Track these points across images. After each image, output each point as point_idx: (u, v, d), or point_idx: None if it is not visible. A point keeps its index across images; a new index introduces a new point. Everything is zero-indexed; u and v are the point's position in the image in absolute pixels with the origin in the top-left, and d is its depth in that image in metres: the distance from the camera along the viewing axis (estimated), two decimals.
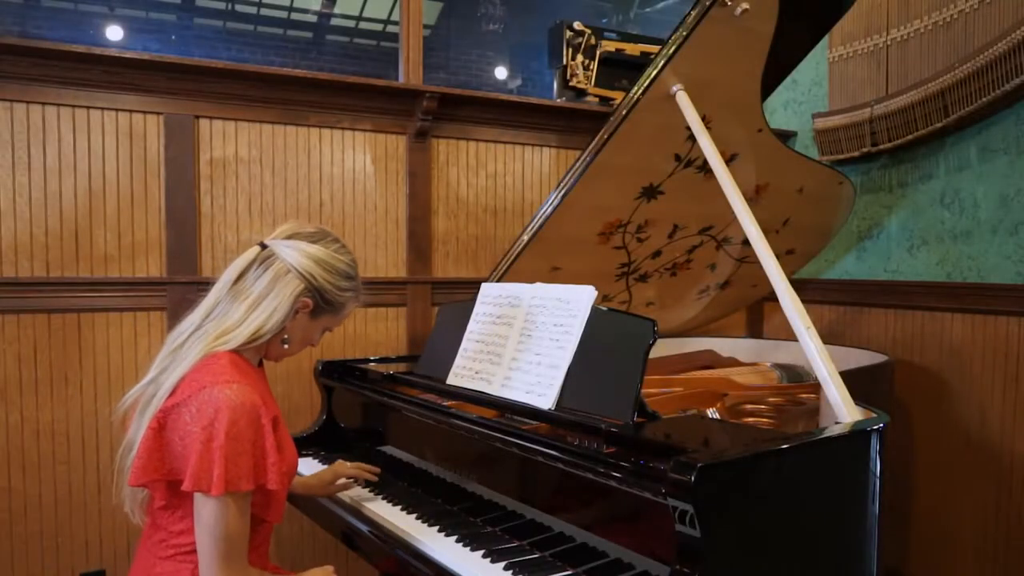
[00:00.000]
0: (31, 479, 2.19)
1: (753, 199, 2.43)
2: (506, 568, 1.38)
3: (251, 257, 1.41)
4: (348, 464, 1.85)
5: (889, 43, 2.81)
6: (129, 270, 2.30)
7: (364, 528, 1.66)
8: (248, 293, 1.38)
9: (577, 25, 3.07)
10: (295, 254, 1.40)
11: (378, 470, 1.86)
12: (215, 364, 1.32)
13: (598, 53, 3.09)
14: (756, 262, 1.77)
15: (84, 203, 2.24)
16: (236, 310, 1.37)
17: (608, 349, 1.55)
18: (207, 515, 1.25)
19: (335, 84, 2.51)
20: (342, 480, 1.83)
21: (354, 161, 2.63)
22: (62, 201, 2.22)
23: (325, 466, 2.04)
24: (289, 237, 1.43)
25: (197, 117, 2.37)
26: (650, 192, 2.23)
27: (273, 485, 1.29)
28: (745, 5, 1.81)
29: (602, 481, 1.30)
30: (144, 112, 2.30)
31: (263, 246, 1.42)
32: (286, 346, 1.46)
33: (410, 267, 2.71)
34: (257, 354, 1.46)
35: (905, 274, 2.91)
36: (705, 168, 2.16)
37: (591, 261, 2.37)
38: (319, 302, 1.43)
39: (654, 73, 1.88)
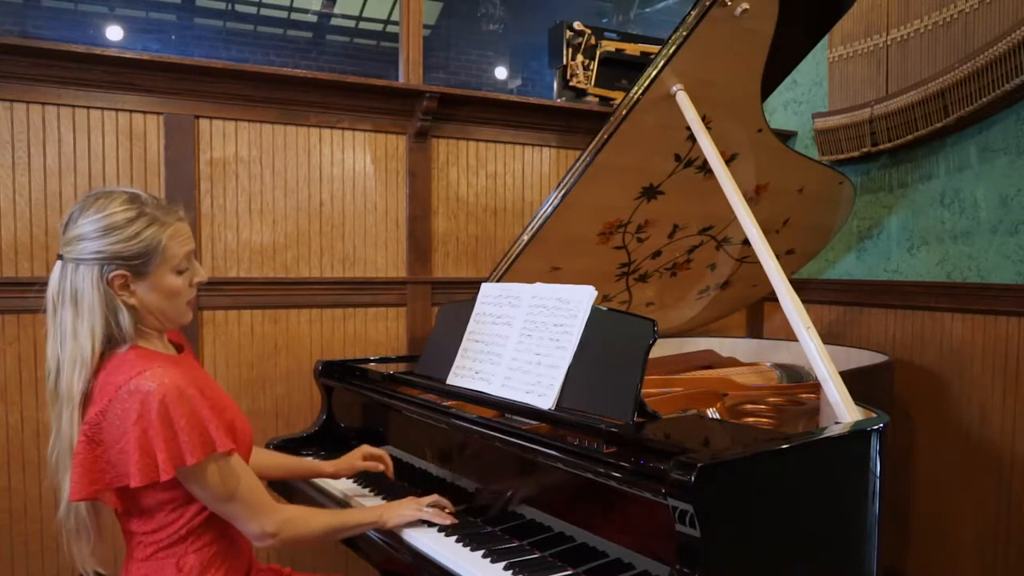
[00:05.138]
0: (31, 479, 2.19)
1: (753, 199, 2.43)
2: (506, 568, 1.38)
3: (56, 277, 1.31)
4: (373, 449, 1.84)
5: (889, 43, 2.81)
6: None
7: None
8: (66, 314, 1.29)
9: (577, 25, 3.07)
10: (74, 245, 1.29)
11: (391, 470, 1.85)
12: (122, 363, 1.29)
13: (598, 53, 3.09)
14: (756, 262, 1.77)
15: None
16: (68, 337, 1.29)
17: (608, 349, 1.55)
18: (198, 492, 1.30)
19: (335, 84, 2.51)
20: (365, 462, 1.81)
21: (354, 161, 2.63)
22: (62, 201, 2.21)
23: None
24: (65, 234, 1.32)
25: (197, 117, 2.37)
26: (650, 192, 2.23)
27: (224, 447, 1.28)
28: (745, 5, 1.81)
29: (602, 481, 1.30)
30: (144, 112, 2.30)
31: (60, 257, 1.32)
32: (152, 315, 1.35)
33: (410, 267, 2.71)
34: (153, 338, 1.39)
35: (905, 274, 2.91)
36: (705, 168, 2.17)
37: (591, 261, 2.37)
38: (128, 265, 1.30)
39: (654, 73, 1.88)
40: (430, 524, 1.58)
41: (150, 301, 1.34)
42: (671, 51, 1.85)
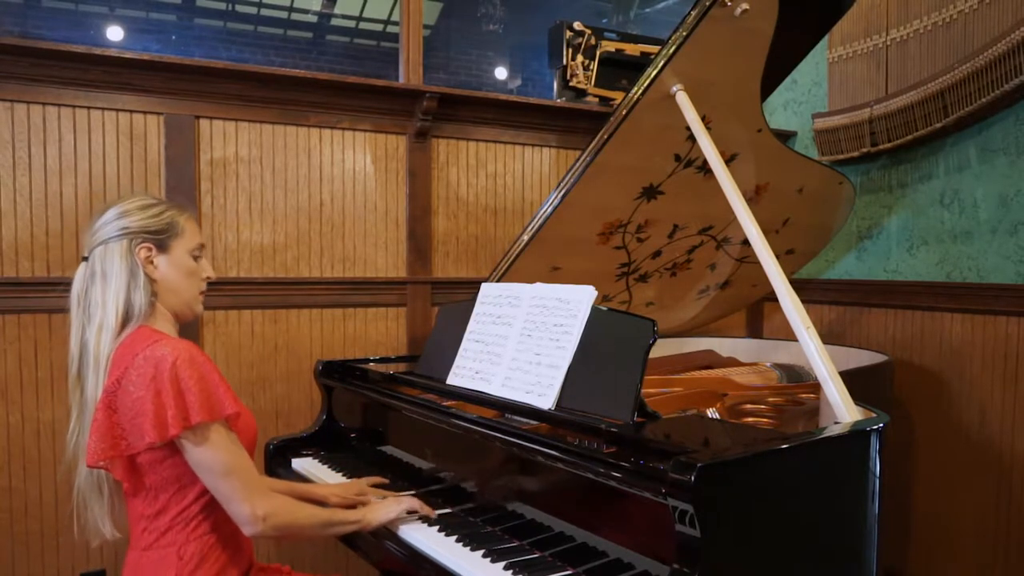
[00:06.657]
0: (31, 479, 2.19)
1: (753, 199, 2.43)
2: (506, 568, 1.38)
3: (82, 272, 1.45)
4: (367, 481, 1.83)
5: (889, 43, 2.81)
6: None
7: None
8: (95, 290, 1.42)
9: (577, 25, 3.07)
10: (99, 233, 1.44)
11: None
12: (138, 335, 1.39)
13: (598, 53, 3.09)
14: (756, 262, 1.76)
15: (85, 203, 2.24)
16: (96, 307, 1.41)
17: (608, 349, 1.55)
18: (197, 458, 1.34)
19: (335, 84, 2.51)
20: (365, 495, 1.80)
21: (354, 161, 2.63)
22: (62, 201, 2.22)
23: (325, 466, 2.05)
24: (90, 233, 1.46)
25: (197, 117, 2.37)
26: (650, 192, 2.23)
27: (231, 409, 1.36)
28: (745, 5, 1.81)
29: (602, 481, 1.30)
30: (144, 112, 2.30)
31: (85, 258, 1.45)
32: (170, 292, 1.48)
33: (410, 267, 2.71)
34: (168, 324, 1.49)
35: (905, 274, 2.91)
36: (705, 168, 2.17)
37: (591, 261, 2.37)
38: (153, 238, 1.45)
39: (654, 73, 1.88)
40: (431, 524, 1.59)
41: (170, 277, 1.47)
42: (671, 51, 1.85)
